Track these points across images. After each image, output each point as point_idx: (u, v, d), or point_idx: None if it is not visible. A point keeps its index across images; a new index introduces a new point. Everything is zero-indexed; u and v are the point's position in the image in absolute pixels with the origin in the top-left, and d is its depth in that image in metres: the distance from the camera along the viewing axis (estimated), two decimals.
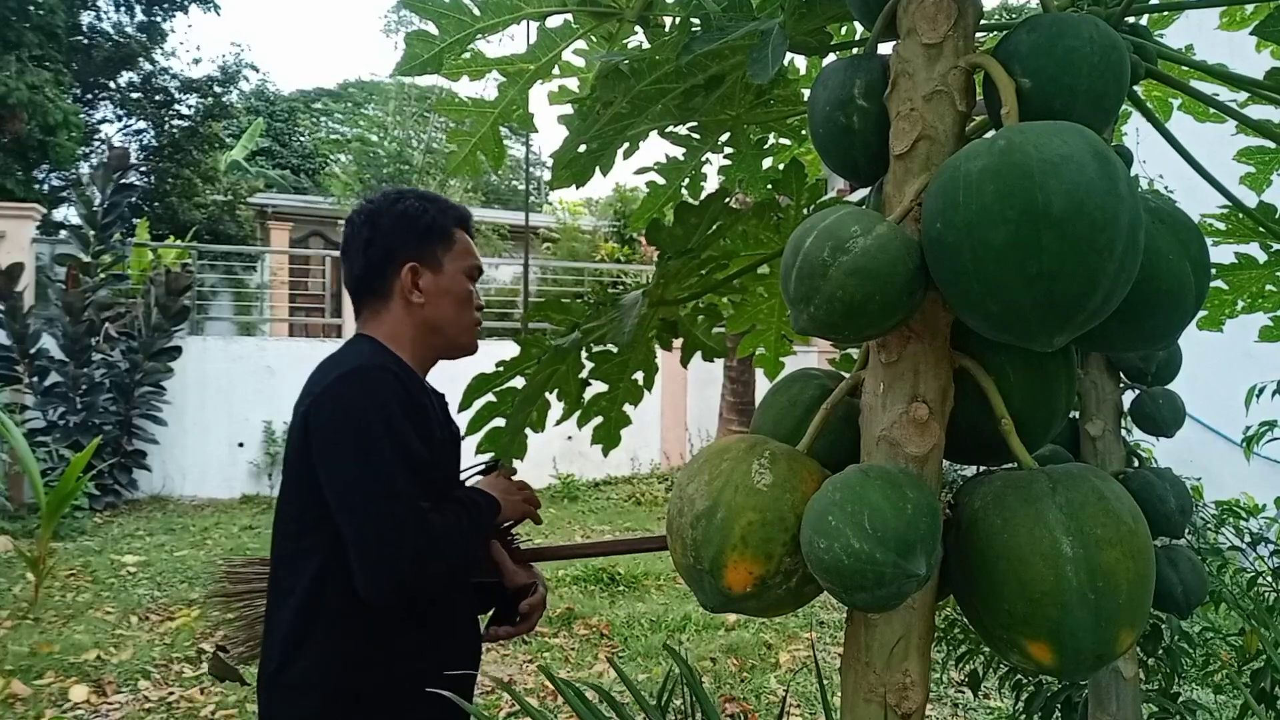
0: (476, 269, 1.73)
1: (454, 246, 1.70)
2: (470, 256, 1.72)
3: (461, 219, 1.75)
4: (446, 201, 1.74)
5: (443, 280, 1.66)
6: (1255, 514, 2.77)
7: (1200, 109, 1.47)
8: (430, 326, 1.66)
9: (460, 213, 1.75)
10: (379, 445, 1.45)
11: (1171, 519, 1.17)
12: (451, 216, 1.72)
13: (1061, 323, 0.68)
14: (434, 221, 1.68)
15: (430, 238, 1.67)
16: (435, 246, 1.67)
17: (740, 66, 1.14)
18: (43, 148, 13.69)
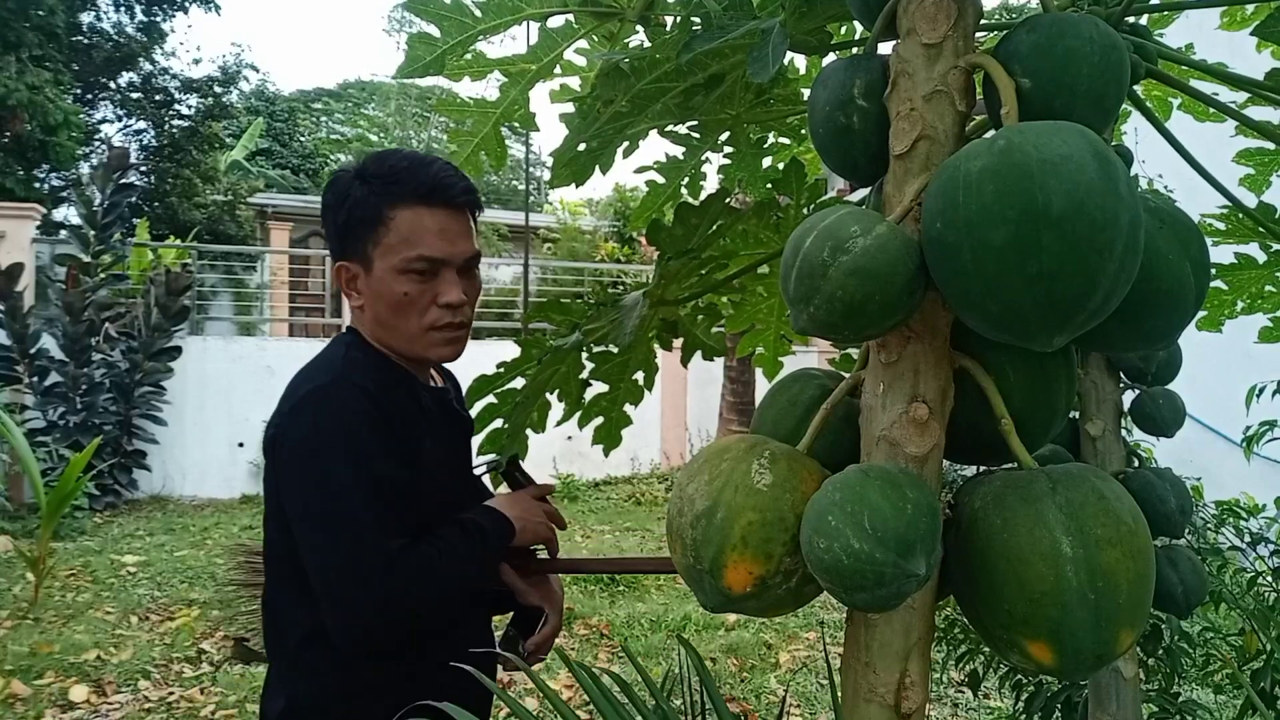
0: (420, 260, 1.33)
1: (383, 237, 1.33)
2: (408, 246, 1.33)
3: (405, 195, 1.33)
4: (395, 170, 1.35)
5: (372, 281, 1.36)
6: (1255, 514, 2.77)
7: (1200, 109, 1.47)
8: (381, 330, 1.41)
9: (406, 186, 1.33)
10: (340, 475, 1.27)
11: (1171, 519, 1.17)
12: (389, 194, 1.33)
13: (1061, 323, 0.68)
14: (355, 208, 1.34)
15: (352, 230, 1.35)
16: (361, 239, 1.35)
17: (740, 65, 1.14)
18: (43, 148, 13.70)
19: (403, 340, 1.39)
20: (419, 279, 1.34)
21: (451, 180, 1.36)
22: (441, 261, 1.35)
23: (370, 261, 1.35)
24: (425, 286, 1.35)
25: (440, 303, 1.36)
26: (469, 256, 1.39)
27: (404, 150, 1.41)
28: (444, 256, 1.35)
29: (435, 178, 1.35)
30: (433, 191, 1.34)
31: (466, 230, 1.39)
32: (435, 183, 1.34)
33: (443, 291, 1.36)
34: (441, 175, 1.35)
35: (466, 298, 1.40)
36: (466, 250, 1.39)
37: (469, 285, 1.41)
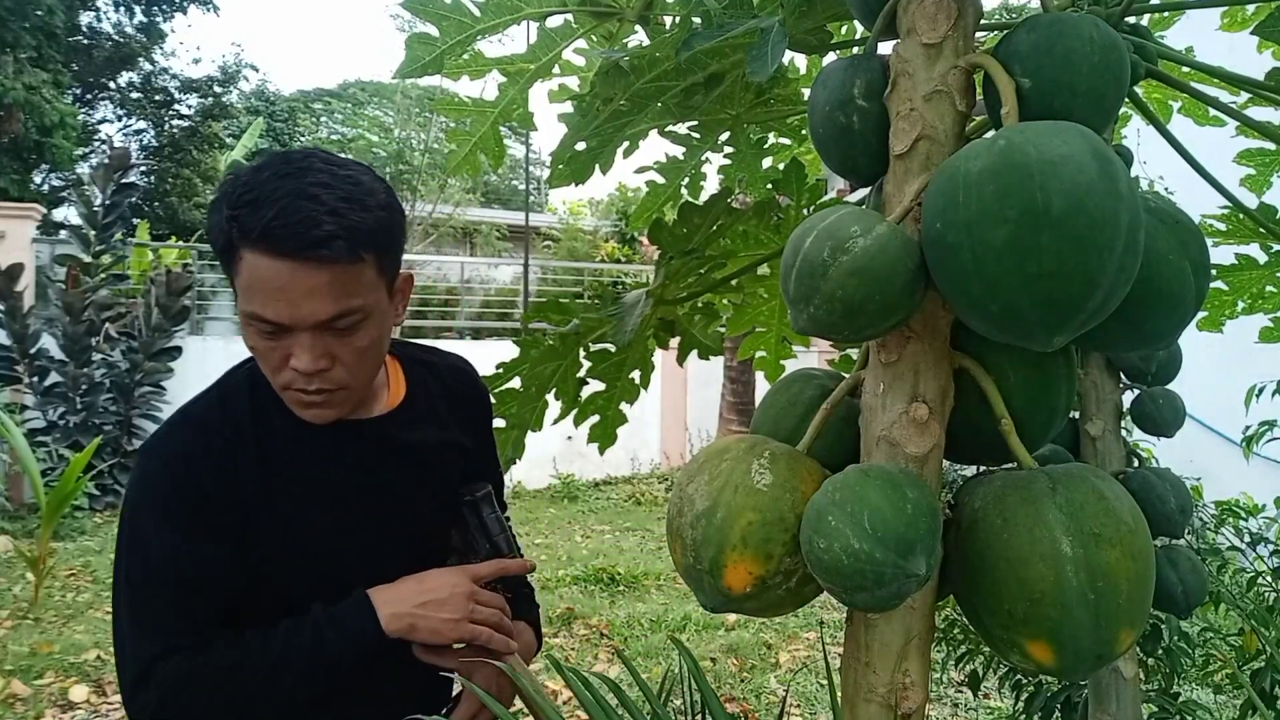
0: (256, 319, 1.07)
1: (237, 275, 1.08)
2: (246, 298, 1.07)
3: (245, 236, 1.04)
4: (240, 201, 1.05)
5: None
6: (1255, 514, 2.78)
7: (1200, 112, 1.47)
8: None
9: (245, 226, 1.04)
10: (125, 559, 1.15)
11: (1171, 519, 1.17)
12: (235, 229, 1.05)
13: (1061, 323, 0.68)
14: (212, 231, 1.10)
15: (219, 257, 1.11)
16: (226, 269, 1.11)
17: (740, 65, 1.14)
18: (40, 148, 13.71)
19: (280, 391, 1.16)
20: (266, 335, 1.09)
21: (295, 227, 1.03)
22: (278, 326, 1.07)
23: (237, 293, 1.12)
24: (274, 343, 1.10)
25: (291, 366, 1.11)
26: (325, 320, 1.07)
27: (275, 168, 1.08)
28: (278, 320, 1.06)
29: (273, 222, 1.03)
30: (266, 239, 1.03)
31: (322, 287, 1.05)
32: (270, 228, 1.03)
33: (294, 354, 1.10)
34: (282, 219, 1.03)
35: (332, 361, 1.11)
36: (316, 314, 1.06)
37: (340, 344, 1.11)
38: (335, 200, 1.06)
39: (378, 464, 1.26)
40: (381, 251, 1.12)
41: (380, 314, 1.15)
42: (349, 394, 1.17)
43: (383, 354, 1.20)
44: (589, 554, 7.16)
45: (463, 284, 13.77)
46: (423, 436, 1.31)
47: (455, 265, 14.58)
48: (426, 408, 1.34)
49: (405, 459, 1.28)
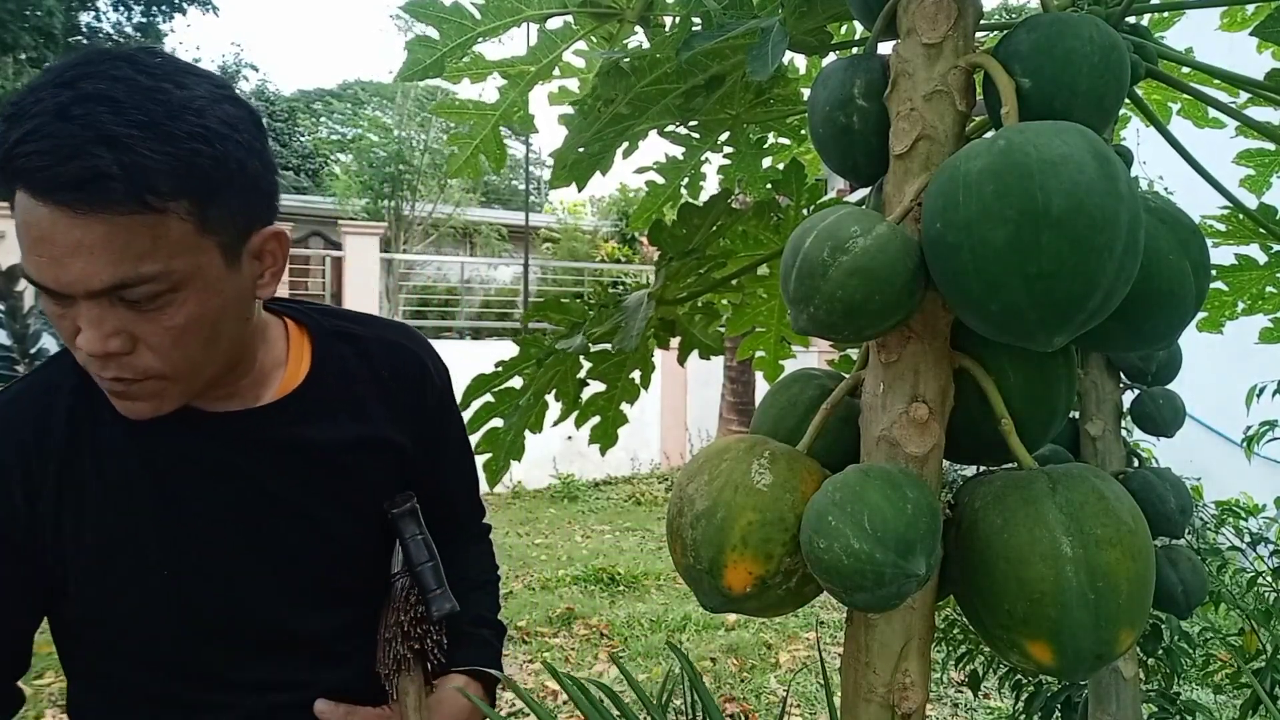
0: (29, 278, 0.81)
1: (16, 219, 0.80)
2: (22, 249, 0.80)
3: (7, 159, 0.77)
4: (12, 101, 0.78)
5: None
6: (1255, 514, 2.78)
7: (1200, 114, 1.47)
8: None
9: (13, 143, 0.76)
10: None
11: (1171, 519, 1.17)
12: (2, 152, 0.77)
13: (1061, 323, 0.68)
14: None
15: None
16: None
17: (740, 66, 1.14)
18: None
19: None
20: (47, 298, 0.83)
21: (48, 157, 0.75)
22: (48, 290, 0.81)
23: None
24: (63, 310, 0.83)
25: (77, 344, 0.84)
26: (102, 288, 0.80)
27: (57, 71, 0.79)
28: (43, 283, 0.80)
29: (19, 148, 0.75)
30: (20, 173, 0.76)
31: (95, 244, 0.78)
32: (16, 156, 0.76)
33: (80, 328, 0.83)
34: (33, 146, 0.75)
35: (132, 344, 0.84)
36: (87, 279, 0.79)
37: (143, 322, 0.83)
38: (119, 124, 0.76)
39: (249, 468, 0.99)
40: (202, 199, 0.82)
41: (209, 284, 0.86)
42: (168, 385, 0.89)
43: (226, 335, 0.91)
44: (589, 554, 7.16)
45: (463, 284, 13.77)
46: (325, 432, 1.04)
47: (455, 265, 14.59)
48: (338, 394, 1.06)
49: (294, 461, 1.01)
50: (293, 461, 1.02)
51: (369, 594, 1.09)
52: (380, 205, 15.37)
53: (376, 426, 1.09)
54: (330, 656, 1.07)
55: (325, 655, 1.06)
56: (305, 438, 1.02)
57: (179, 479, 0.96)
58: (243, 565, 0.99)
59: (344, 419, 1.06)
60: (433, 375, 1.19)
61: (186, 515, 0.96)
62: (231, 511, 0.98)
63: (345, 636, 1.09)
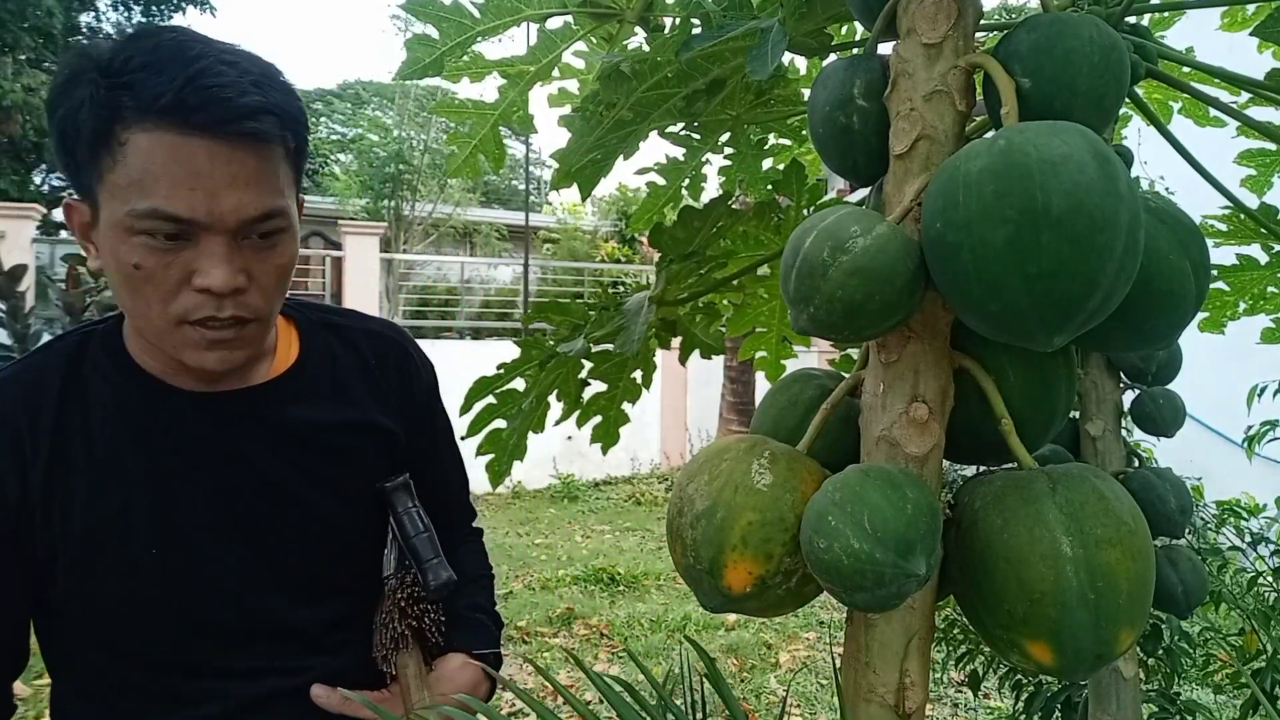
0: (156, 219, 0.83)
1: (109, 170, 0.84)
2: (138, 193, 0.83)
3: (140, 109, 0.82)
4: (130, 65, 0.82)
5: (101, 235, 0.88)
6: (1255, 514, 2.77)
7: (1200, 113, 1.47)
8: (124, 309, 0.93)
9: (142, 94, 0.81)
10: None
11: (1171, 519, 1.17)
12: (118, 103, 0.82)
13: (1061, 323, 0.68)
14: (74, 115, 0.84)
15: (71, 148, 0.85)
16: (88, 167, 0.85)
17: (741, 69, 1.14)
18: (39, 149, 13.72)
19: (149, 331, 0.91)
20: (158, 246, 0.84)
21: (217, 93, 0.82)
22: (193, 224, 0.84)
23: (97, 205, 0.87)
24: (171, 258, 0.85)
25: (197, 285, 0.86)
26: (252, 218, 0.87)
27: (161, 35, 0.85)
28: (191, 217, 0.83)
29: (186, 88, 0.80)
30: (178, 108, 0.81)
31: (250, 176, 0.85)
32: (184, 95, 0.80)
33: (201, 269, 0.86)
34: (199, 84, 0.81)
35: (248, 280, 0.89)
36: (242, 209, 0.86)
37: (258, 260, 0.89)
38: (256, 71, 0.85)
39: (241, 448, 0.98)
40: (301, 146, 0.92)
41: (295, 228, 0.93)
42: (261, 330, 0.93)
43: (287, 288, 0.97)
44: (589, 554, 7.16)
45: (463, 284, 13.77)
46: (316, 413, 1.04)
47: (455, 265, 14.59)
48: (326, 378, 1.07)
49: (285, 441, 1.01)
50: (284, 442, 1.01)
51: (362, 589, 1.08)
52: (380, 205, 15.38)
53: (365, 410, 1.09)
54: (322, 647, 1.06)
55: (317, 645, 1.05)
56: (296, 418, 1.03)
57: (170, 459, 0.96)
58: (232, 549, 0.98)
59: (333, 402, 1.07)
60: (420, 368, 1.21)
61: (177, 496, 0.95)
62: (222, 493, 0.97)
63: (337, 629, 1.08)
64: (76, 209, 0.91)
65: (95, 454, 0.93)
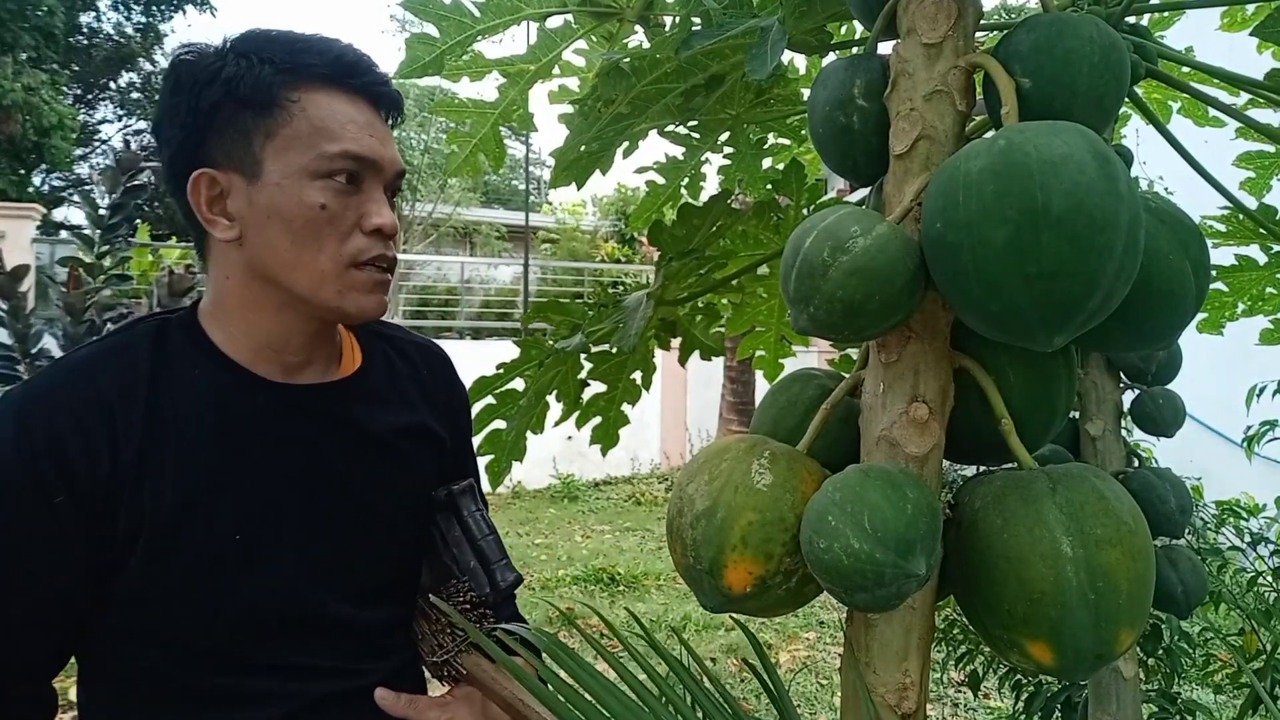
0: (346, 158, 0.93)
1: (282, 126, 0.92)
2: (326, 138, 0.93)
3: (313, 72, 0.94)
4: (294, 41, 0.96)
5: (262, 192, 0.92)
6: (1255, 514, 2.78)
7: (1200, 113, 1.47)
8: (258, 276, 0.95)
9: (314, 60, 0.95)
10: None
11: (1171, 519, 1.17)
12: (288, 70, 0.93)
13: (1061, 323, 0.68)
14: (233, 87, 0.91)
15: (224, 118, 0.92)
16: (239, 132, 0.92)
17: (740, 66, 1.14)
18: (39, 149, 13.72)
19: (307, 285, 0.94)
20: (340, 188, 0.93)
21: (367, 62, 0.99)
22: (372, 165, 0.95)
23: (259, 163, 0.91)
24: (348, 200, 0.94)
25: (368, 227, 0.95)
26: (400, 171, 1.01)
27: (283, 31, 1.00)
28: (375, 157, 0.95)
29: (347, 55, 0.98)
30: (352, 71, 0.96)
31: (390, 137, 1.02)
32: (345, 59, 0.96)
33: (370, 211, 0.95)
34: (354, 55, 0.99)
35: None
36: (397, 160, 1.01)
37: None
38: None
39: (317, 441, 1.00)
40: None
41: None
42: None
43: None
44: (589, 554, 7.16)
45: (463, 284, 13.77)
46: (382, 415, 1.06)
47: (455, 265, 14.59)
48: (387, 384, 1.11)
49: (355, 440, 1.03)
50: (353, 442, 1.04)
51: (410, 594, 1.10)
52: None
53: (422, 416, 1.13)
54: (378, 649, 1.06)
55: (373, 648, 1.05)
56: (366, 418, 1.05)
57: (255, 446, 0.97)
58: (308, 543, 0.99)
59: (395, 406, 1.10)
60: (459, 381, 1.27)
61: (259, 484, 0.96)
62: (300, 486, 0.99)
63: (390, 632, 1.08)
64: (211, 179, 0.94)
65: (185, 436, 0.93)
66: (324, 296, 0.95)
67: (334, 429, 1.02)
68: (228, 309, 0.98)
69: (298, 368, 1.02)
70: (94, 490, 0.88)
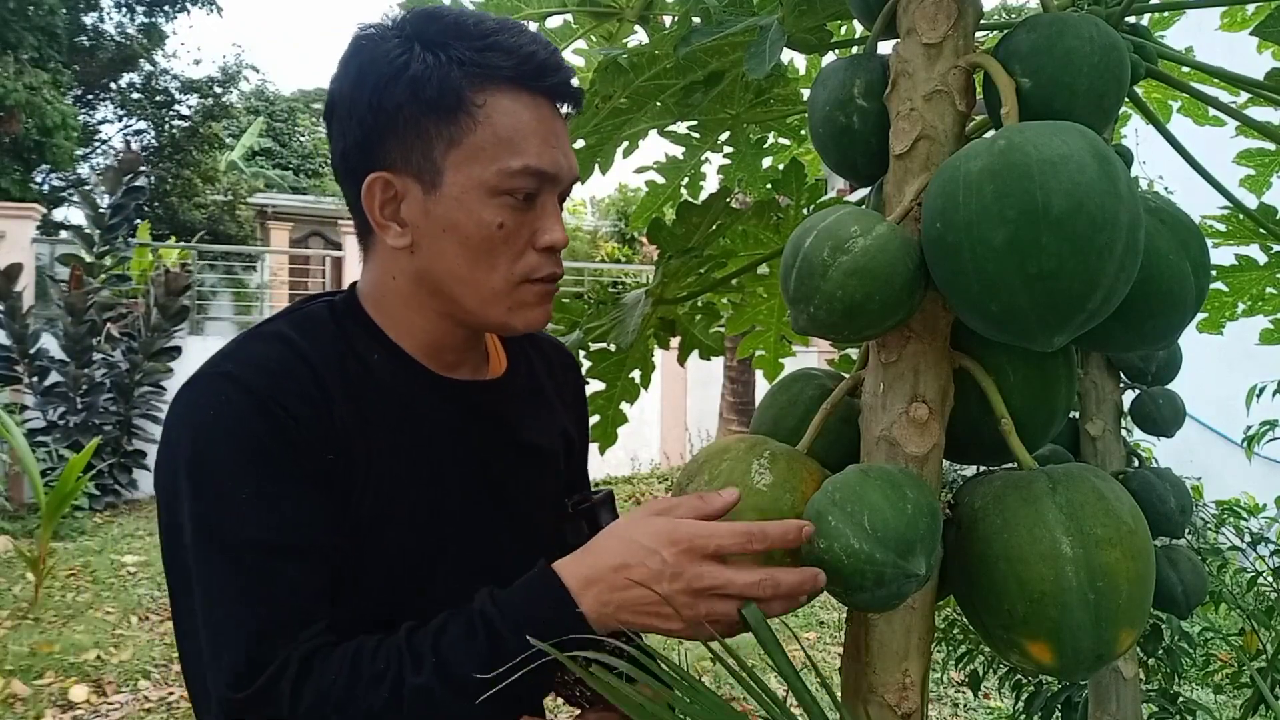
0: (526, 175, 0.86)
1: (468, 134, 0.85)
2: (509, 152, 0.85)
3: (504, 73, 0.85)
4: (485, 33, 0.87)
5: (440, 204, 0.86)
6: (1255, 514, 2.77)
7: (1200, 112, 1.47)
8: (425, 285, 0.91)
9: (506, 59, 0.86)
10: (229, 512, 0.81)
11: (1171, 519, 1.17)
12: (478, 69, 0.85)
13: (1061, 323, 0.68)
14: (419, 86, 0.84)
15: (405, 120, 0.85)
16: (421, 136, 0.85)
17: (739, 63, 1.14)
18: (40, 149, 13.72)
19: (476, 301, 0.90)
20: (518, 205, 0.86)
21: (557, 58, 0.90)
22: (550, 179, 0.88)
23: (439, 172, 0.85)
24: (523, 217, 0.87)
25: (540, 244, 0.89)
26: (574, 179, 0.94)
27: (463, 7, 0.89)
28: (555, 170, 0.88)
29: (537, 52, 0.87)
30: (540, 72, 0.87)
31: (568, 139, 0.94)
32: (543, 61, 0.87)
33: (544, 227, 0.89)
34: (545, 51, 0.88)
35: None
36: (575, 169, 0.93)
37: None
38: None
39: (482, 441, 0.97)
40: None
41: None
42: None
43: None
44: None
45: None
46: (532, 419, 1.03)
47: None
48: (533, 384, 1.06)
49: (510, 443, 0.99)
50: (508, 442, 0.99)
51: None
52: None
53: (560, 419, 1.09)
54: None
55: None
56: (516, 420, 1.01)
57: (436, 438, 0.94)
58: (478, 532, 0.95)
59: (542, 408, 1.07)
60: (582, 376, 1.22)
61: (441, 475, 0.93)
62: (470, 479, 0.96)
63: None
64: (386, 184, 0.88)
65: (374, 420, 0.90)
66: (492, 313, 0.91)
67: (493, 429, 0.99)
68: (390, 305, 0.94)
69: (453, 366, 0.98)
70: (322, 449, 0.85)
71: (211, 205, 17.39)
